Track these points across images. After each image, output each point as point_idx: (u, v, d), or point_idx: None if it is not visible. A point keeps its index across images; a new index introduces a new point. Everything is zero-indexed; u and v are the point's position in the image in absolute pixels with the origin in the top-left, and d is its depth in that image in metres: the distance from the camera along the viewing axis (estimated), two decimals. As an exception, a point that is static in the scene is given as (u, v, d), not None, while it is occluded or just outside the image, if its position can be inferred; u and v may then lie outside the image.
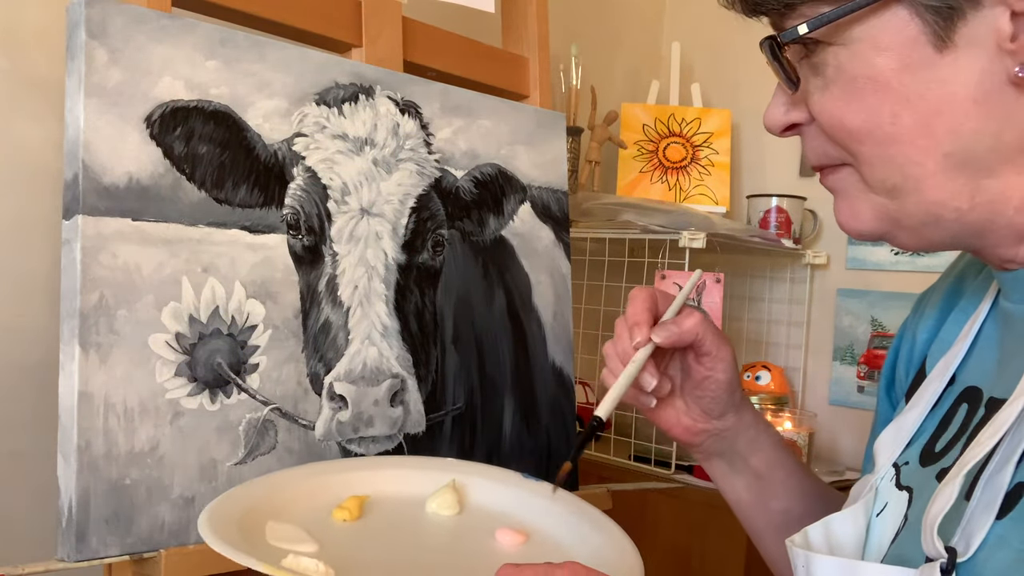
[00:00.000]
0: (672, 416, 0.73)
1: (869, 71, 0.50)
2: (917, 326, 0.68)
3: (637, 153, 1.77)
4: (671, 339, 0.67)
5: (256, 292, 0.81)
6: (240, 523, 0.56)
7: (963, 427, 0.56)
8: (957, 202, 0.51)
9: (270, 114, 0.84)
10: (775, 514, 0.75)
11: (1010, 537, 0.47)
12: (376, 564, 0.56)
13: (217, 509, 0.57)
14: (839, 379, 1.79)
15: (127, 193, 0.74)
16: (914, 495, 0.57)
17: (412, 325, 0.92)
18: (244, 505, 0.60)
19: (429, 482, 0.69)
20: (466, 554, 0.61)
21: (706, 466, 0.76)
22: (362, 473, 0.70)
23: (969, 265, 0.66)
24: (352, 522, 0.62)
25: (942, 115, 0.49)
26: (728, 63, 1.91)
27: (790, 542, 0.58)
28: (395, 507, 0.66)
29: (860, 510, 0.60)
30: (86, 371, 0.71)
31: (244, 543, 0.53)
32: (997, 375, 0.56)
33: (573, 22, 1.75)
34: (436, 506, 0.66)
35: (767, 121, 0.58)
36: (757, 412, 0.75)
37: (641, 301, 0.69)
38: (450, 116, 0.99)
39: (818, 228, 1.81)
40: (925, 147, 0.50)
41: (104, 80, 0.74)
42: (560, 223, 1.11)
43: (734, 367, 0.71)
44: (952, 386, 0.60)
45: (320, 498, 0.64)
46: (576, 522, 0.66)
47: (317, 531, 0.59)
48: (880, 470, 0.62)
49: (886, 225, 0.54)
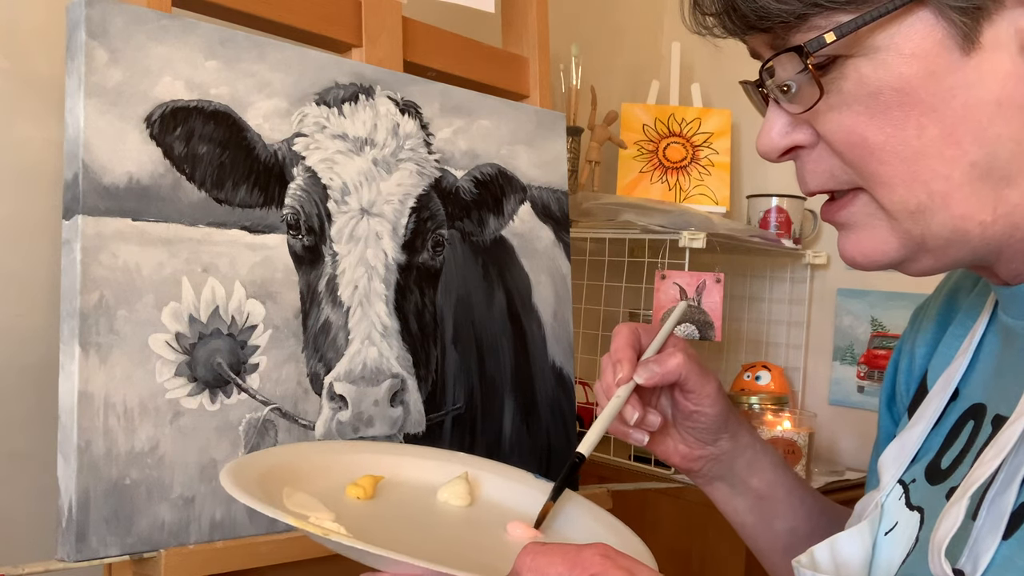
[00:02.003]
0: (669, 446, 0.74)
1: (894, 82, 0.48)
2: (916, 340, 0.67)
3: (637, 153, 1.77)
4: (653, 380, 0.67)
5: (256, 292, 0.81)
6: (260, 484, 0.56)
7: (969, 444, 0.56)
8: (982, 215, 0.49)
9: (270, 114, 0.84)
10: (781, 534, 0.75)
11: (1016, 558, 0.46)
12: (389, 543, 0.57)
13: (237, 469, 0.57)
14: (839, 379, 1.79)
15: (127, 193, 0.74)
16: (926, 515, 0.56)
17: (412, 325, 0.92)
18: (262, 469, 0.60)
19: (442, 472, 0.69)
20: (478, 542, 0.61)
21: (708, 491, 0.77)
22: (377, 456, 0.70)
23: (963, 278, 0.66)
24: (365, 500, 0.63)
25: (967, 121, 0.47)
26: (728, 63, 1.90)
27: (796, 563, 0.57)
28: (407, 492, 0.66)
29: (866, 529, 0.60)
30: (86, 371, 0.71)
31: (265, 500, 0.53)
32: (1000, 391, 0.55)
33: (573, 22, 1.75)
34: (448, 495, 0.66)
35: (762, 146, 0.54)
36: (754, 433, 0.75)
37: (623, 337, 0.69)
38: (450, 116, 0.99)
39: (818, 228, 1.81)
40: (952, 158, 0.48)
41: (104, 80, 0.74)
42: (560, 223, 1.11)
43: (721, 399, 0.70)
44: (956, 401, 0.60)
45: (335, 474, 0.64)
46: (590, 522, 0.66)
47: (331, 505, 0.59)
48: (885, 487, 0.61)
49: (909, 251, 0.52)
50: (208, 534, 0.76)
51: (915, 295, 1.72)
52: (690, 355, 0.69)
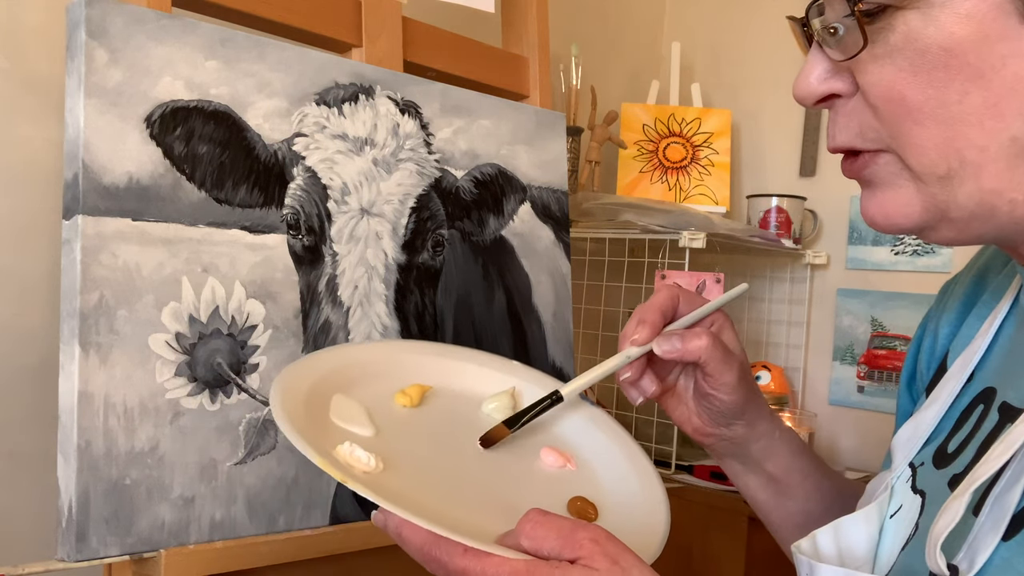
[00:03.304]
0: (684, 414, 0.72)
1: (945, 40, 0.45)
2: (940, 319, 0.65)
3: (637, 153, 1.77)
4: (670, 355, 0.66)
5: (256, 292, 0.81)
6: (308, 398, 0.58)
7: (975, 429, 0.55)
8: (1014, 192, 0.47)
9: (270, 114, 0.84)
10: (794, 514, 0.74)
11: (1015, 561, 0.45)
12: (423, 460, 0.58)
13: (290, 379, 0.58)
14: (839, 379, 1.79)
15: (127, 193, 0.74)
16: (927, 501, 0.56)
17: (412, 325, 0.92)
18: (315, 377, 0.61)
19: (490, 383, 0.70)
20: (508, 467, 0.62)
21: (720, 464, 0.75)
22: (429, 358, 0.71)
23: (994, 257, 0.64)
24: (411, 408, 0.64)
25: (1015, 94, 0.45)
26: (728, 63, 1.91)
27: (796, 548, 0.56)
28: (453, 403, 0.67)
29: (874, 512, 0.59)
30: (86, 371, 0.71)
31: (308, 420, 0.55)
32: (1010, 376, 0.55)
33: (573, 22, 1.75)
34: (492, 409, 0.67)
35: (799, 90, 0.52)
36: (775, 422, 0.72)
37: (659, 299, 0.68)
38: (450, 116, 0.99)
39: (818, 228, 1.81)
40: (992, 129, 0.46)
41: (104, 80, 0.74)
42: (560, 223, 1.10)
43: (741, 389, 0.68)
44: (971, 384, 0.58)
45: (386, 380, 0.66)
46: (620, 460, 0.66)
47: (377, 413, 0.61)
48: (897, 468, 0.60)
49: (931, 218, 0.50)
50: (208, 534, 0.76)
51: (915, 295, 1.72)
52: (717, 340, 0.66)
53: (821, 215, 1.80)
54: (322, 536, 0.82)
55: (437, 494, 0.54)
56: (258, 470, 0.79)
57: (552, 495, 0.59)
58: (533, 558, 0.47)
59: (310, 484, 0.82)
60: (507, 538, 0.48)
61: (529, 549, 0.47)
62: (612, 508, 0.60)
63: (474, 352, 0.74)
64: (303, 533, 0.81)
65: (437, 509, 0.50)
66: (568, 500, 0.59)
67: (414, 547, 0.48)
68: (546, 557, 0.47)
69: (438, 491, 0.55)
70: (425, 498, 0.52)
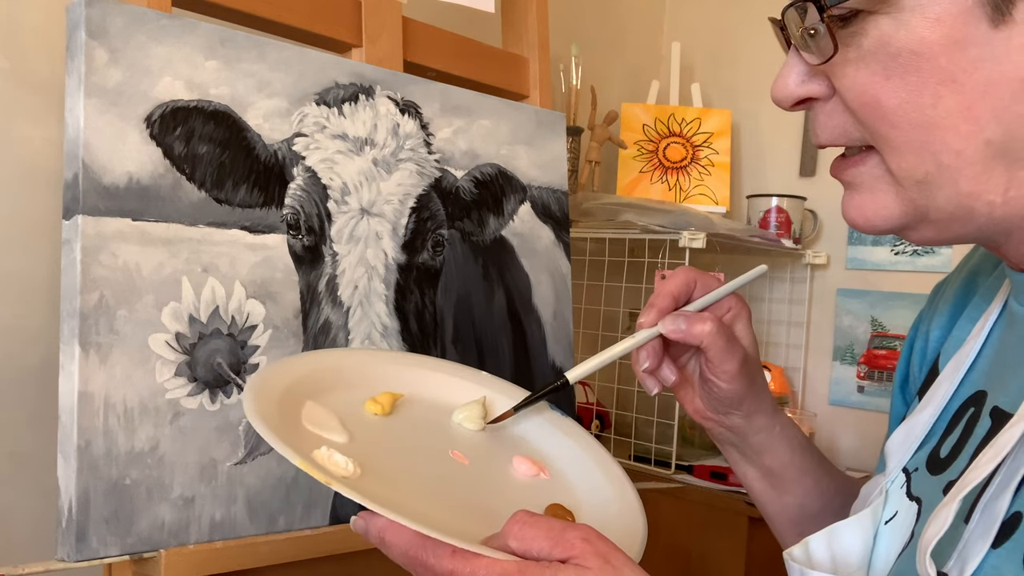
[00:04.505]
0: (688, 396, 0.72)
1: (915, 45, 0.46)
2: (931, 321, 0.66)
3: (637, 153, 1.77)
4: (674, 335, 0.66)
5: (256, 292, 0.81)
6: (280, 402, 0.57)
7: (965, 433, 0.55)
8: (991, 195, 0.47)
9: (270, 114, 0.84)
10: (789, 507, 0.74)
11: (1004, 569, 0.45)
12: (399, 466, 0.58)
13: (262, 384, 0.58)
14: (839, 379, 1.79)
15: (127, 193, 0.74)
16: (923, 508, 0.55)
17: (412, 325, 0.92)
18: (287, 382, 0.60)
19: (461, 392, 0.69)
20: (483, 476, 0.61)
21: (720, 449, 0.76)
22: (400, 367, 0.70)
23: (984, 259, 0.64)
24: (382, 416, 0.63)
25: (988, 97, 0.45)
26: (728, 63, 1.91)
27: (788, 555, 0.56)
28: (424, 411, 0.67)
29: (868, 517, 0.59)
30: (86, 371, 0.71)
31: (281, 424, 0.54)
32: (1000, 380, 0.55)
33: (573, 22, 1.75)
34: (463, 418, 0.67)
35: (776, 92, 0.52)
36: (776, 417, 0.72)
37: (672, 283, 0.68)
38: (450, 116, 0.99)
39: (818, 228, 1.81)
40: (967, 133, 0.46)
41: (104, 80, 0.74)
42: (560, 223, 1.11)
43: (741, 380, 0.68)
44: (962, 386, 0.58)
45: (357, 388, 0.65)
46: (592, 468, 0.66)
47: (349, 420, 0.60)
48: (891, 473, 0.60)
49: (910, 220, 0.50)
50: (208, 534, 0.76)
51: (915, 295, 1.72)
52: (723, 327, 0.66)
53: (821, 215, 1.80)
54: (322, 536, 0.83)
55: (416, 499, 0.54)
56: (258, 470, 0.79)
57: (529, 503, 0.58)
58: (523, 559, 0.46)
59: (310, 484, 0.82)
60: (493, 540, 0.48)
61: (517, 550, 0.47)
62: (588, 516, 0.59)
63: (444, 362, 0.74)
64: (303, 533, 0.81)
65: (419, 512, 0.48)
66: (545, 507, 0.58)
67: (398, 550, 0.47)
68: (535, 558, 0.46)
69: (417, 496, 0.54)
70: (405, 501, 0.51)
